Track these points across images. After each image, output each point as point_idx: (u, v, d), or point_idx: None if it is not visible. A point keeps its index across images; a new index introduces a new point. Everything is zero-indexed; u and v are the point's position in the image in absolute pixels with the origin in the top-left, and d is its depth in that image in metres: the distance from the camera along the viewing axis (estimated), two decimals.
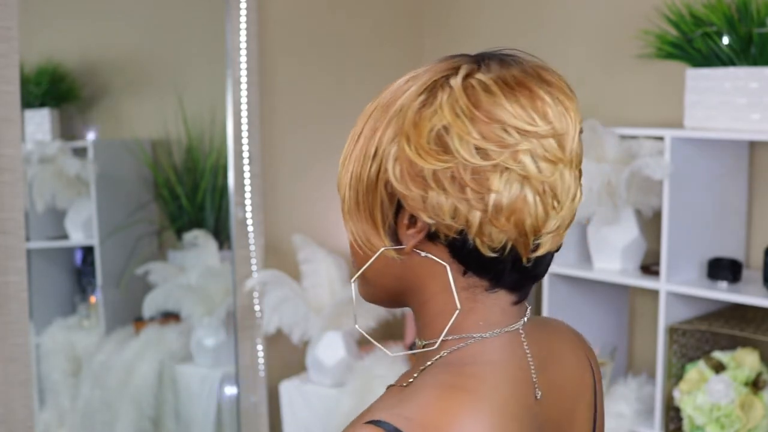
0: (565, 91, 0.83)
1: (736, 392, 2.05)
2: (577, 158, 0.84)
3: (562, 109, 0.81)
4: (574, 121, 0.82)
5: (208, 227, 2.68)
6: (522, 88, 0.80)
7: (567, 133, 0.81)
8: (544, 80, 0.82)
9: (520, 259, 0.82)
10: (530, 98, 0.80)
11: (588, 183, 2.15)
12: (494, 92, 0.80)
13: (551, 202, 0.81)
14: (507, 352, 0.85)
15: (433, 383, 0.83)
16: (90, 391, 2.51)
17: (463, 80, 0.80)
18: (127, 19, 2.57)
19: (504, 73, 0.81)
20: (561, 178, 0.81)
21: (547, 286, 2.38)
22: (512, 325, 0.86)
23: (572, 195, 0.83)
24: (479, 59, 0.84)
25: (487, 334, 0.85)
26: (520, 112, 0.79)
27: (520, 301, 0.87)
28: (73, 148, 2.45)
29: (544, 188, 0.80)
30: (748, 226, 2.35)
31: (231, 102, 2.52)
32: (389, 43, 2.95)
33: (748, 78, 2.08)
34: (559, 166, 0.80)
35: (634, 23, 2.46)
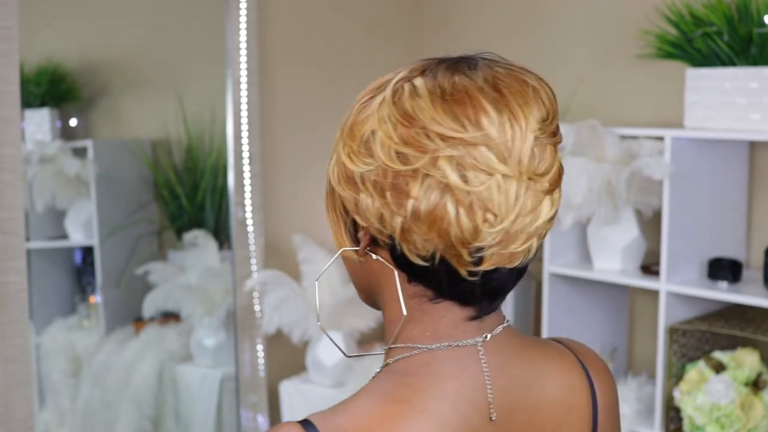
0: (530, 101, 0.78)
1: (737, 392, 2.05)
2: (531, 170, 0.78)
3: (508, 119, 0.77)
4: (525, 132, 0.77)
5: (208, 227, 2.68)
6: (457, 94, 0.77)
7: (510, 144, 0.77)
8: (497, 89, 0.78)
9: (457, 270, 0.79)
10: (462, 105, 0.77)
11: (588, 183, 2.15)
12: (421, 96, 0.78)
13: (481, 215, 0.77)
14: (456, 368, 0.82)
15: (373, 391, 0.82)
16: (90, 391, 2.51)
17: (395, 84, 0.80)
18: (127, 19, 2.57)
19: (444, 79, 0.79)
20: (499, 190, 0.77)
21: (547, 286, 2.37)
22: (465, 340, 0.83)
23: (523, 209, 0.78)
24: (435, 63, 0.81)
25: (433, 345, 0.83)
26: (444, 118, 0.76)
27: (479, 316, 0.83)
28: (73, 148, 2.45)
29: (472, 199, 0.77)
30: (748, 226, 2.35)
31: (231, 102, 2.52)
32: (389, 44, 2.95)
33: (748, 78, 2.08)
34: (495, 177, 0.76)
35: (634, 23, 2.46)
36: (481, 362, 0.83)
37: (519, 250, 0.80)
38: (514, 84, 0.79)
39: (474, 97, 0.77)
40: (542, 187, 0.79)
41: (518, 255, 0.80)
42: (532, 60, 2.74)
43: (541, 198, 0.79)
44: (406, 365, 0.83)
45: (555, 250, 2.36)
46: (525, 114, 0.78)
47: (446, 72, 0.80)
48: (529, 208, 0.78)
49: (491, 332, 0.84)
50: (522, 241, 0.80)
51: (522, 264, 0.82)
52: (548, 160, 0.80)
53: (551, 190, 0.80)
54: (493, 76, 0.79)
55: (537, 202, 0.79)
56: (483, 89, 0.78)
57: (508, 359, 0.85)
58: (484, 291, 0.82)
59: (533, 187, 0.78)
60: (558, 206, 0.82)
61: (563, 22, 2.68)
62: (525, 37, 2.77)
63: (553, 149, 0.81)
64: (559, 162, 0.82)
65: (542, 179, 0.79)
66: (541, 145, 0.79)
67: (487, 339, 0.84)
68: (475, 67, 0.80)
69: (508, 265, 0.80)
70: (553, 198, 0.81)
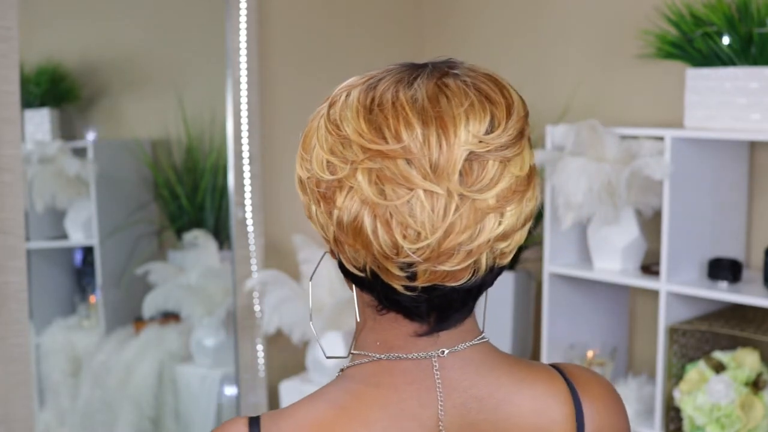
0: (470, 113, 0.75)
1: (737, 392, 2.05)
2: (465, 186, 0.74)
3: (435, 133, 0.74)
4: (453, 146, 0.74)
5: (208, 227, 2.67)
6: (384, 105, 0.76)
7: (435, 158, 0.73)
8: (433, 101, 0.75)
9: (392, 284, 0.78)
10: (386, 117, 0.75)
11: (588, 183, 2.15)
12: (349, 107, 0.77)
13: (401, 230, 0.74)
14: (404, 381, 0.81)
15: (321, 396, 0.83)
16: (90, 391, 2.51)
17: (335, 93, 0.80)
18: (127, 19, 2.57)
19: (380, 90, 0.77)
20: (421, 206, 0.73)
21: (547, 286, 2.37)
22: (417, 353, 0.81)
23: (454, 227, 0.74)
24: (396, 71, 0.80)
25: (383, 356, 0.82)
26: (366, 129, 0.75)
27: (430, 332, 0.81)
28: (73, 148, 2.45)
29: (390, 214, 0.74)
30: (749, 226, 2.35)
31: (231, 102, 2.52)
32: (389, 44, 2.95)
33: (748, 78, 2.08)
34: (416, 192, 0.73)
35: (634, 23, 2.46)
36: (435, 378, 0.81)
37: (458, 268, 0.76)
38: (457, 95, 0.76)
39: (400, 109, 0.75)
40: (484, 204, 0.75)
41: (460, 273, 0.77)
42: (532, 60, 2.75)
43: (481, 216, 0.75)
44: (356, 373, 0.83)
45: (555, 250, 2.36)
46: (457, 127, 0.74)
47: (391, 81, 0.78)
48: (464, 225, 0.75)
49: (451, 348, 0.82)
50: (460, 260, 0.76)
51: (472, 282, 0.78)
52: (490, 176, 0.75)
53: (498, 208, 0.76)
54: (436, 86, 0.76)
55: (476, 220, 0.75)
56: (416, 101, 0.75)
57: (471, 377, 0.82)
58: (430, 307, 0.80)
59: (471, 204, 0.75)
60: (514, 222, 0.78)
61: (563, 22, 2.68)
62: (525, 37, 2.77)
63: (500, 164, 0.76)
64: (518, 176, 0.77)
65: (482, 195, 0.75)
66: (481, 160, 0.75)
67: (443, 354, 0.81)
68: (426, 76, 0.78)
69: (448, 282, 0.77)
70: (503, 215, 0.76)
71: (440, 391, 0.81)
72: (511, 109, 0.78)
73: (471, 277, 0.78)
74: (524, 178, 0.78)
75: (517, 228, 0.79)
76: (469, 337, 0.84)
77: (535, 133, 2.69)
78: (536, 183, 0.81)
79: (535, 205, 0.81)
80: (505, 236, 0.78)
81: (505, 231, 0.77)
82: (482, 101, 0.76)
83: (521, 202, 0.78)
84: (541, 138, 2.61)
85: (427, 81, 0.77)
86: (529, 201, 0.79)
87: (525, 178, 0.78)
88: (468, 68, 0.81)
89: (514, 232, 0.79)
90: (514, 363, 0.86)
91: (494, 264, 0.79)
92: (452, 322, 0.82)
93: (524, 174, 0.78)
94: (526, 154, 0.79)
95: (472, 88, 0.77)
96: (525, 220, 0.80)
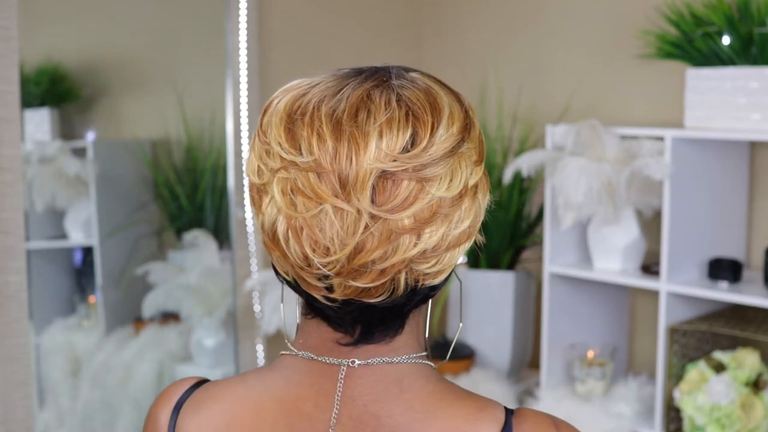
0: (386, 130, 0.72)
1: (737, 392, 2.05)
2: (375, 205, 0.72)
3: (347, 148, 0.72)
4: (361, 163, 0.71)
5: (208, 227, 2.67)
6: (304, 116, 0.74)
7: (345, 174, 0.71)
8: (352, 114, 0.73)
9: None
10: (303, 128, 0.74)
11: (588, 183, 2.15)
12: (275, 114, 0.76)
13: (310, 244, 0.73)
14: (307, 381, 0.81)
15: (250, 374, 0.86)
16: (90, 391, 2.51)
17: (272, 96, 0.80)
18: (127, 19, 2.57)
19: (305, 98, 0.76)
20: (329, 221, 0.72)
21: (547, 286, 2.37)
22: (328, 358, 0.80)
23: (364, 244, 0.72)
24: (339, 77, 0.78)
25: (300, 353, 0.82)
26: (284, 139, 0.74)
27: (354, 344, 0.80)
28: (73, 148, 2.45)
29: (300, 225, 0.73)
30: (749, 226, 2.35)
31: (231, 102, 2.52)
32: (389, 44, 2.95)
33: (749, 78, 2.08)
34: (324, 207, 0.72)
35: (634, 23, 2.46)
36: (338, 386, 0.80)
37: (372, 285, 0.74)
38: (378, 109, 0.73)
39: (317, 121, 0.73)
40: (398, 225, 0.72)
41: (375, 291, 0.75)
42: (532, 60, 2.75)
43: (395, 236, 0.72)
44: (278, 362, 0.85)
45: (555, 250, 2.36)
46: (368, 143, 0.72)
47: (322, 88, 0.76)
48: (375, 244, 0.72)
49: (365, 360, 0.79)
50: (373, 278, 0.74)
51: (391, 301, 0.76)
52: (403, 196, 0.72)
53: (414, 229, 0.73)
54: (361, 97, 0.74)
55: (389, 240, 0.72)
56: (334, 113, 0.73)
57: (376, 394, 0.79)
58: (354, 319, 0.79)
59: (383, 223, 0.72)
60: (437, 243, 0.74)
61: (563, 22, 2.68)
62: (525, 37, 2.76)
63: (416, 184, 0.72)
64: (441, 197, 0.73)
65: (394, 216, 0.72)
66: (395, 179, 0.72)
67: (354, 364, 0.79)
68: (356, 86, 0.75)
69: (365, 299, 0.75)
70: (419, 236, 0.73)
71: (338, 399, 0.79)
72: (436, 127, 0.73)
73: (390, 296, 0.76)
74: (453, 199, 0.74)
75: (443, 249, 0.75)
76: (396, 354, 0.80)
77: (535, 133, 2.69)
78: (474, 202, 0.77)
79: (472, 224, 0.77)
80: (424, 257, 0.74)
81: (424, 252, 0.74)
82: (405, 116, 0.73)
83: (446, 223, 0.74)
84: (541, 138, 2.61)
85: (353, 91, 0.74)
86: (460, 222, 0.75)
87: (454, 199, 0.74)
88: (412, 78, 0.77)
89: (439, 253, 0.75)
90: (442, 393, 0.80)
91: (417, 284, 0.76)
92: (379, 338, 0.80)
93: (453, 194, 0.74)
94: (460, 173, 0.75)
95: (401, 101, 0.74)
96: (456, 241, 0.76)
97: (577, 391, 2.36)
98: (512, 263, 2.66)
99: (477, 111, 2.91)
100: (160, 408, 0.89)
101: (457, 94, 0.79)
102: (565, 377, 2.45)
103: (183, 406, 0.87)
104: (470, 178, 0.76)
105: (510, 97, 2.75)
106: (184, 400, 0.87)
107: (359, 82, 0.75)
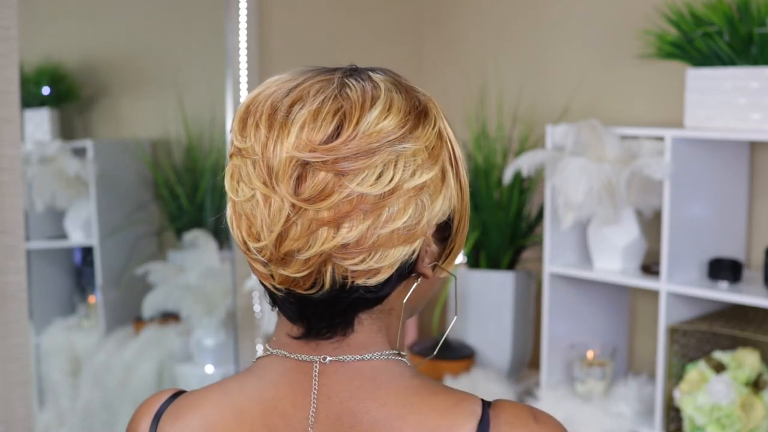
0: (309, 121, 0.73)
1: (737, 392, 2.05)
2: (295, 194, 0.73)
3: (275, 137, 0.74)
4: (281, 152, 0.73)
5: (208, 227, 2.67)
6: (254, 105, 0.77)
7: (272, 162, 0.74)
8: (289, 105, 0.75)
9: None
10: (249, 117, 0.77)
11: (588, 183, 2.15)
12: (241, 106, 0.80)
13: (246, 228, 0.77)
14: (284, 379, 0.82)
15: (231, 379, 0.87)
16: (90, 391, 2.51)
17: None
18: (127, 19, 2.57)
19: (264, 92, 0.78)
20: (259, 208, 0.75)
21: (547, 286, 2.37)
22: (301, 355, 0.81)
23: (288, 233, 0.74)
24: (312, 73, 0.79)
25: (274, 351, 0.83)
26: (236, 127, 0.78)
27: (305, 337, 0.81)
28: (73, 148, 2.45)
29: (239, 211, 0.77)
30: (749, 226, 2.35)
31: (231, 102, 2.52)
32: (389, 44, 2.95)
33: (749, 78, 2.08)
34: (255, 193, 0.75)
35: (634, 23, 2.46)
36: (312, 384, 0.80)
37: (299, 276, 0.75)
38: (310, 100, 0.75)
39: (261, 110, 0.76)
40: (317, 215, 0.73)
41: (303, 282, 0.76)
42: (532, 60, 2.75)
43: (315, 226, 0.73)
44: (255, 363, 0.86)
45: (555, 250, 2.36)
46: (290, 132, 0.73)
47: (285, 80, 0.78)
48: (298, 233, 0.74)
49: (335, 357, 0.80)
50: (298, 267, 0.75)
51: (322, 295, 0.76)
52: (320, 188, 0.73)
53: (332, 222, 0.73)
54: (303, 92, 0.76)
55: (309, 230, 0.73)
56: (275, 105, 0.76)
57: (352, 391, 0.80)
58: (299, 312, 0.80)
59: (304, 213, 0.73)
60: (359, 239, 0.74)
61: (563, 22, 2.68)
62: (525, 37, 2.76)
63: (334, 176, 0.73)
64: (363, 193, 0.73)
65: (312, 206, 0.73)
66: (313, 169, 0.73)
67: (325, 361, 0.80)
68: (307, 81, 0.77)
69: (297, 290, 0.77)
70: (338, 229, 0.73)
71: (315, 397, 0.80)
72: (361, 121, 0.73)
73: (320, 290, 0.76)
74: (378, 197, 0.73)
75: (368, 246, 0.74)
76: (365, 351, 0.81)
77: (535, 133, 2.69)
78: (414, 202, 0.75)
79: (410, 225, 0.75)
80: (346, 252, 0.74)
81: (344, 246, 0.74)
82: (335, 110, 0.74)
83: (370, 220, 0.74)
84: (541, 138, 2.61)
85: (301, 85, 0.77)
86: (390, 221, 0.74)
87: (380, 197, 0.74)
88: (370, 77, 0.78)
89: (363, 250, 0.74)
90: (417, 388, 0.80)
91: (346, 281, 0.76)
92: (326, 334, 0.80)
93: (379, 192, 0.73)
94: (393, 171, 0.74)
95: (338, 97, 0.75)
96: (386, 241, 0.75)
97: (577, 391, 2.36)
98: (512, 263, 2.66)
99: (477, 111, 2.91)
100: (140, 419, 0.89)
101: (413, 93, 0.79)
102: (565, 377, 2.45)
103: (162, 415, 0.87)
104: (410, 179, 0.75)
105: (510, 97, 2.75)
106: (164, 409, 0.87)
107: (310, 77, 0.77)
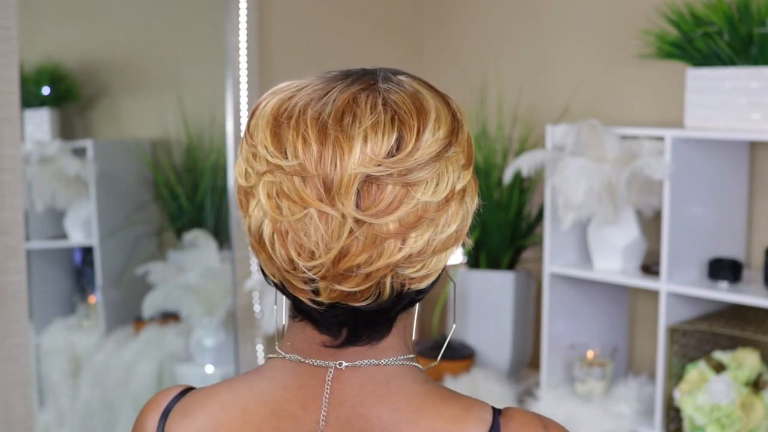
0: (371, 134, 0.72)
1: (737, 392, 2.05)
2: (360, 210, 0.72)
3: (331, 152, 0.72)
4: (346, 167, 0.71)
5: (208, 227, 2.67)
6: (290, 119, 0.74)
7: (330, 178, 0.72)
8: (337, 118, 0.73)
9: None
10: (288, 131, 0.74)
11: (588, 183, 2.15)
12: (263, 116, 0.76)
13: (295, 248, 0.74)
14: (295, 383, 0.81)
15: (238, 379, 0.86)
16: (90, 391, 2.51)
17: (260, 98, 0.80)
18: (127, 20, 2.57)
19: (292, 101, 0.76)
20: (314, 226, 0.72)
21: (547, 286, 2.37)
22: (315, 360, 0.81)
23: (349, 249, 0.72)
24: (327, 80, 0.77)
25: (287, 355, 0.83)
26: (270, 142, 0.74)
27: (339, 346, 0.80)
28: (73, 148, 2.45)
29: (285, 229, 0.74)
30: (749, 226, 2.35)
31: (231, 102, 2.52)
32: (389, 44, 2.95)
33: (749, 78, 2.08)
34: (309, 211, 0.72)
35: (634, 23, 2.46)
36: (325, 388, 0.80)
37: (357, 289, 0.74)
38: (363, 113, 0.73)
39: (302, 124, 0.73)
40: (383, 229, 0.72)
41: (361, 294, 0.75)
42: (532, 60, 2.75)
43: (380, 240, 0.73)
44: (265, 365, 0.85)
45: (555, 250, 2.36)
46: (352, 147, 0.72)
47: (309, 91, 0.76)
48: (360, 249, 0.72)
49: (352, 362, 0.80)
50: (358, 282, 0.74)
51: (377, 305, 0.76)
52: (387, 201, 0.72)
53: (399, 234, 0.73)
54: (347, 101, 0.74)
55: (374, 244, 0.73)
56: (320, 116, 0.73)
57: (364, 395, 0.80)
58: (341, 322, 0.79)
59: (368, 227, 0.72)
60: (423, 248, 0.74)
61: (563, 22, 2.68)
62: (525, 36, 2.76)
63: (401, 188, 0.72)
64: (426, 202, 0.73)
65: (379, 220, 0.72)
66: (380, 183, 0.72)
67: (341, 366, 0.80)
68: (343, 89, 0.75)
69: (350, 302, 0.76)
70: (404, 241, 0.73)
71: (326, 401, 0.80)
72: (422, 131, 0.73)
73: (376, 300, 0.76)
74: (438, 204, 0.74)
75: (429, 253, 0.75)
76: (384, 356, 0.81)
77: (535, 133, 2.69)
78: (462, 205, 0.77)
79: (459, 228, 0.77)
80: (410, 262, 0.75)
81: (409, 256, 0.74)
82: (391, 120, 0.73)
83: (432, 228, 0.74)
84: (541, 138, 2.61)
85: (340, 94, 0.74)
86: (447, 226, 0.75)
87: (440, 204, 0.74)
88: (400, 81, 0.77)
89: (425, 258, 0.75)
90: (428, 394, 0.81)
91: (403, 288, 0.77)
92: (365, 340, 0.80)
93: (439, 199, 0.74)
94: (447, 177, 0.75)
95: (387, 105, 0.74)
96: (442, 245, 0.76)
97: (577, 391, 2.36)
98: (512, 263, 2.65)
99: (477, 111, 2.91)
100: (148, 415, 0.88)
101: (445, 97, 0.79)
102: (565, 377, 2.45)
103: (170, 412, 0.86)
104: (457, 182, 0.76)
105: (510, 97, 2.75)
106: (172, 406, 0.87)
107: (346, 86, 0.75)
